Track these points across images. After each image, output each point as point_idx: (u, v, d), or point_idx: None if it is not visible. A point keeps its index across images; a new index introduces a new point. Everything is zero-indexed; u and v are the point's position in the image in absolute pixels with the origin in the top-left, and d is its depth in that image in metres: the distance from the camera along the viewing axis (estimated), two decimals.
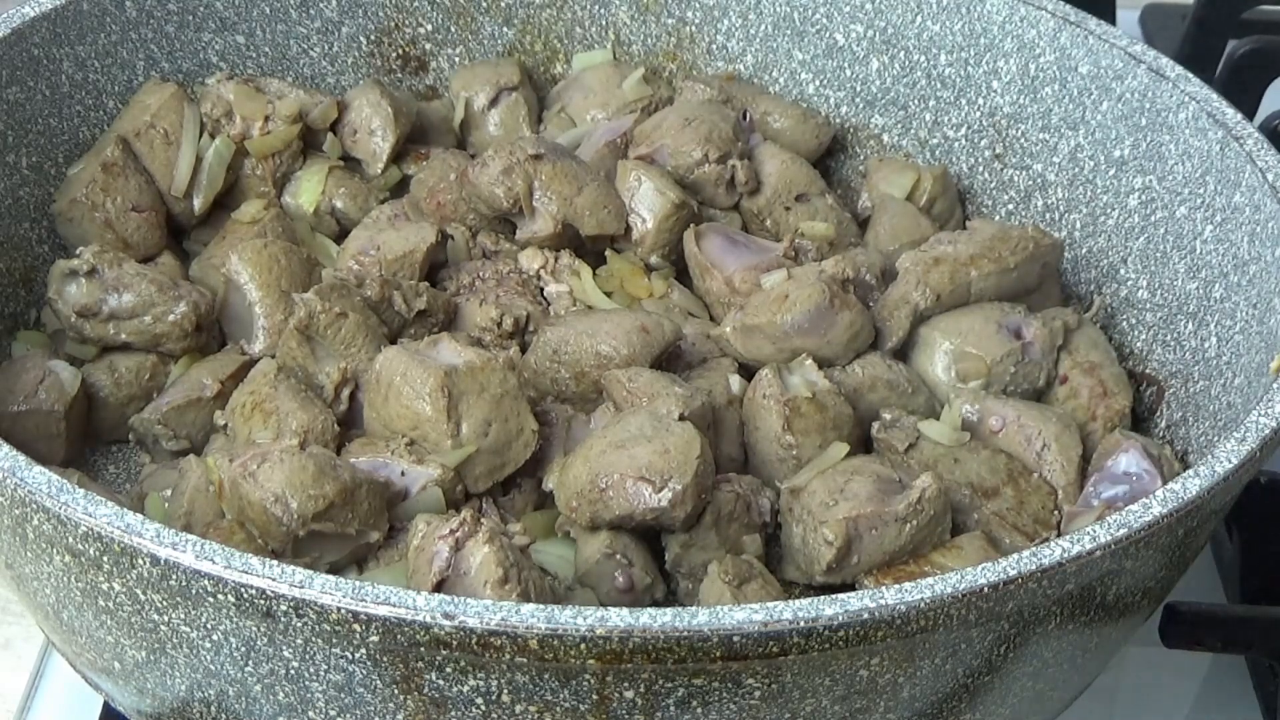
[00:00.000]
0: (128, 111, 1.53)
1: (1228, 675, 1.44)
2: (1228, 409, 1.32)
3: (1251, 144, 1.39)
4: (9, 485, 1.02)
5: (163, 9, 1.57)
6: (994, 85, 1.61)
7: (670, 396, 1.26)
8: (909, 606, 0.96)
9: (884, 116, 1.68)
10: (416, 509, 1.22)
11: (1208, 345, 1.39)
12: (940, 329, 1.42)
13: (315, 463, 1.17)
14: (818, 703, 1.02)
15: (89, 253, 1.39)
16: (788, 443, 1.29)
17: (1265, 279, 1.33)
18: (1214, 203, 1.41)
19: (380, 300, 1.36)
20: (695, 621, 0.94)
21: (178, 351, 1.40)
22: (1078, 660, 1.15)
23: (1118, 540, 1.03)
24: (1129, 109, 1.51)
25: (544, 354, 1.36)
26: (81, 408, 1.38)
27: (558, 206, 1.47)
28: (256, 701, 1.06)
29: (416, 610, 0.94)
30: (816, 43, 1.68)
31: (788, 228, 1.53)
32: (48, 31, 1.47)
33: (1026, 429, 1.35)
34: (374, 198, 1.56)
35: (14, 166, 1.45)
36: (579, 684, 0.98)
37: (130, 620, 1.06)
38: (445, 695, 1.00)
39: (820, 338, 1.36)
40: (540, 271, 1.47)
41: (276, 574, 0.96)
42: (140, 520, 0.99)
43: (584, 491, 1.22)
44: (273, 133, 1.55)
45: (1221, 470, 1.08)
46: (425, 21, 1.70)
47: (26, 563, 1.10)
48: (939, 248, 1.45)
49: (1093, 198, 1.54)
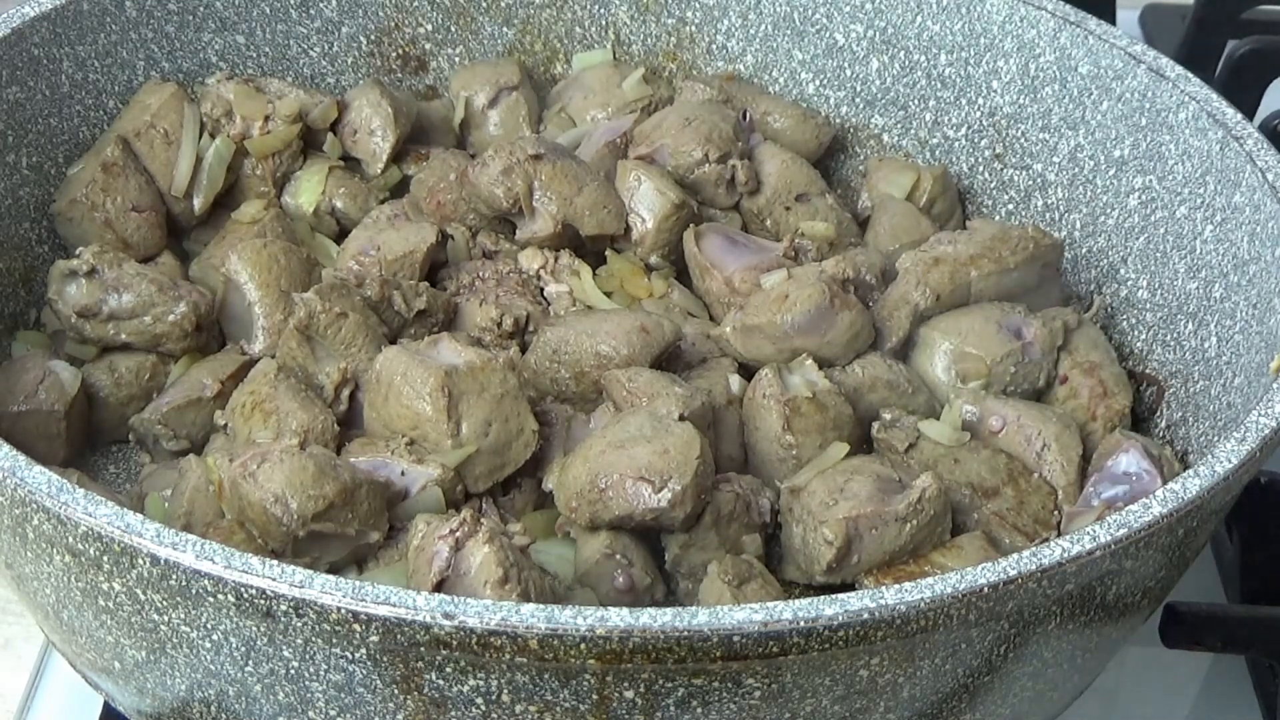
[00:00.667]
0: (128, 111, 1.53)
1: (1228, 675, 1.44)
2: (1228, 409, 1.32)
3: (1251, 144, 1.39)
4: (9, 485, 1.02)
5: (163, 9, 1.57)
6: (994, 85, 1.61)
7: (670, 396, 1.26)
8: (909, 606, 0.96)
9: (884, 116, 1.68)
10: (416, 509, 1.22)
11: (1208, 345, 1.39)
12: (940, 329, 1.42)
13: (315, 463, 1.17)
14: (818, 703, 1.02)
15: (89, 253, 1.39)
16: (788, 442, 1.29)
17: (1265, 279, 1.33)
18: (1214, 203, 1.41)
19: (380, 300, 1.36)
20: (695, 621, 0.94)
21: (178, 351, 1.40)
22: (1078, 660, 1.15)
23: (1118, 540, 1.03)
24: (1129, 109, 1.51)
25: (544, 354, 1.36)
26: (81, 408, 1.38)
27: (558, 206, 1.47)
28: (256, 701, 1.06)
29: (416, 610, 0.94)
30: (816, 43, 1.68)
31: (788, 228, 1.53)
32: (48, 31, 1.47)
33: (1026, 429, 1.35)
34: (374, 198, 1.56)
35: (14, 166, 1.45)
36: (579, 684, 0.98)
37: (130, 620, 1.06)
38: (445, 695, 1.00)
39: (820, 338, 1.36)
40: (540, 271, 1.47)
41: (276, 574, 0.96)
42: (140, 520, 0.99)
43: (583, 492, 1.22)
44: (273, 133, 1.55)
45: (1221, 470, 1.08)
46: (425, 21, 1.70)
47: (26, 563, 1.10)
48: (939, 248, 1.45)
49: (1093, 198, 1.54)
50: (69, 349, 1.41)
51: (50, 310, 1.42)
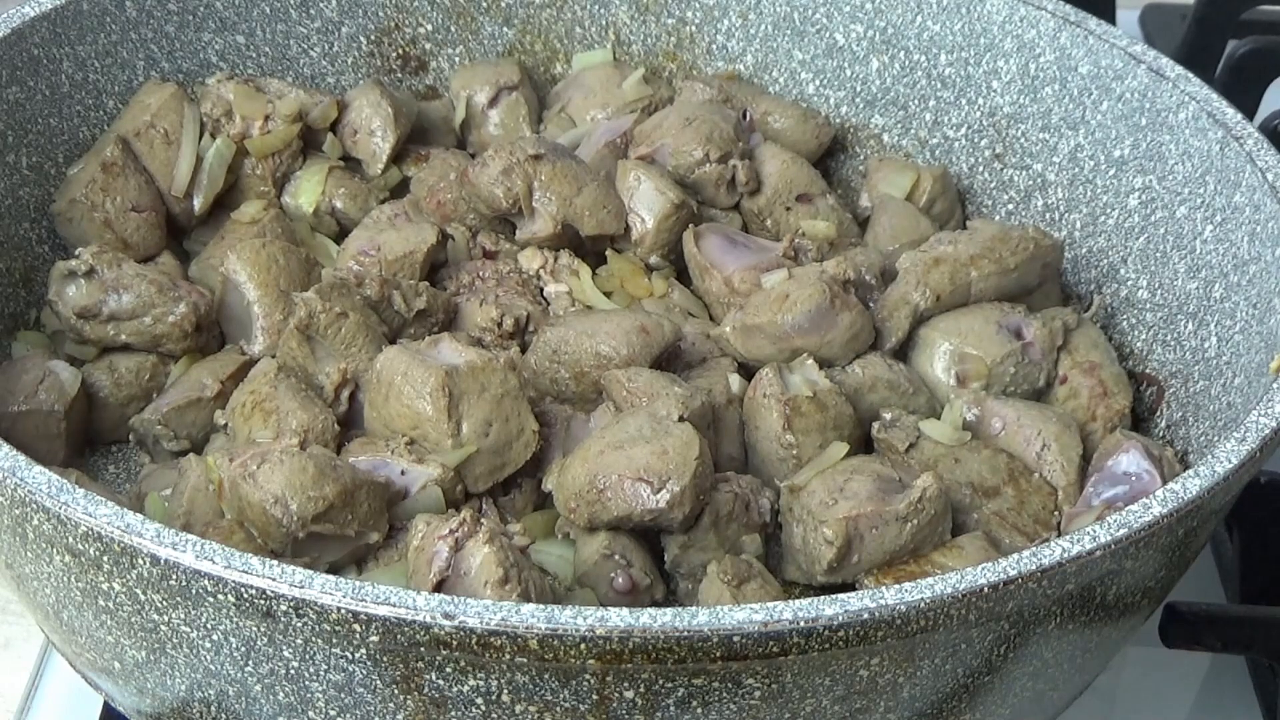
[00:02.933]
0: (128, 112, 1.53)
1: (1228, 675, 1.44)
2: (1228, 409, 1.32)
3: (1251, 144, 1.39)
4: (9, 485, 1.02)
5: (163, 9, 1.57)
6: (994, 85, 1.61)
7: (670, 397, 1.26)
8: (909, 606, 0.96)
9: (884, 116, 1.68)
10: (416, 508, 1.22)
11: (1208, 345, 1.39)
12: (940, 329, 1.41)
13: (315, 464, 1.17)
14: (818, 703, 1.02)
15: (88, 253, 1.39)
16: (788, 442, 1.29)
17: (1265, 279, 1.33)
18: (1214, 203, 1.41)
19: (379, 300, 1.36)
20: (695, 621, 0.94)
21: (178, 352, 1.40)
22: (1078, 660, 1.15)
23: (1118, 540, 1.03)
24: (1129, 109, 1.51)
25: (544, 354, 1.36)
26: (82, 408, 1.38)
27: (557, 207, 1.47)
28: (256, 701, 1.06)
29: (416, 610, 0.94)
30: (816, 43, 1.68)
31: (788, 228, 1.53)
32: (48, 31, 1.47)
33: (1026, 429, 1.35)
34: (374, 198, 1.56)
35: (14, 166, 1.45)
36: (579, 684, 0.98)
37: (130, 620, 1.06)
38: (445, 695, 1.00)
39: (820, 338, 1.36)
40: (540, 271, 1.47)
41: (276, 574, 0.96)
42: (140, 520, 0.99)
43: (582, 492, 1.22)
44: (272, 132, 1.55)
45: (1221, 470, 1.08)
46: (425, 21, 1.70)
47: (26, 563, 1.10)
48: (939, 248, 1.45)
49: (1093, 198, 1.54)
50: (69, 349, 1.41)
51: (50, 310, 1.42)
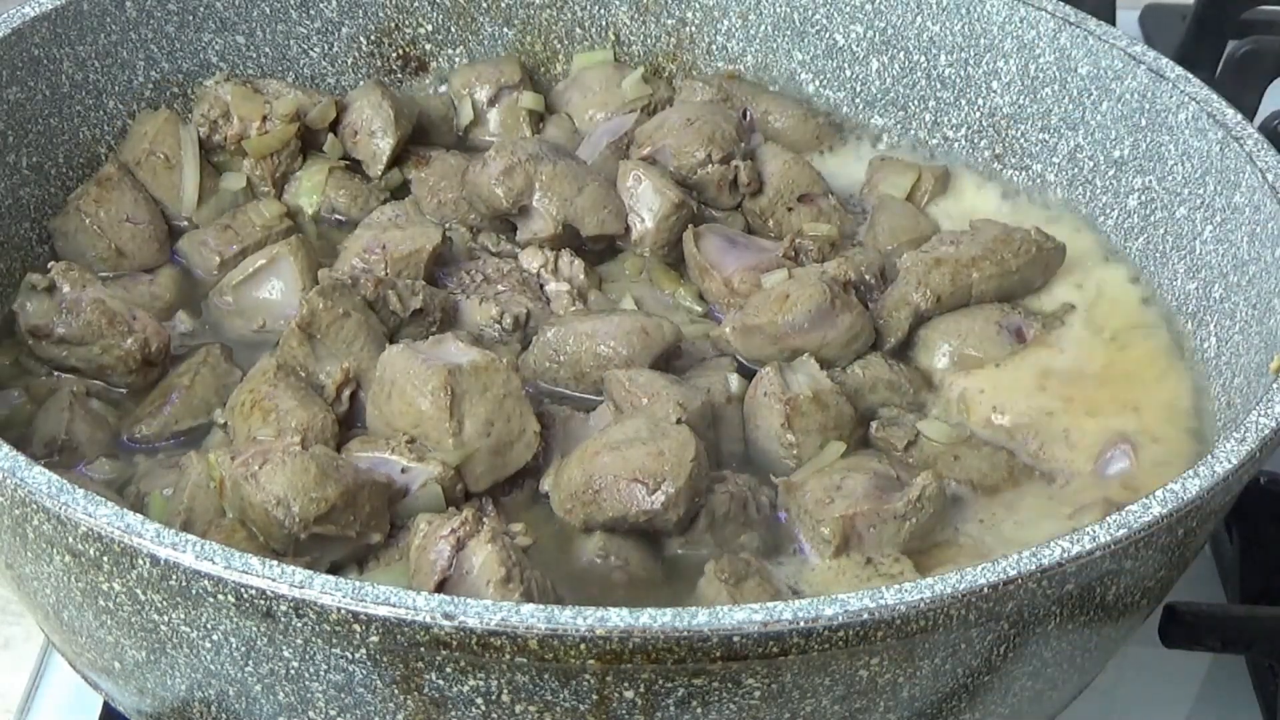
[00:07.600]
0: (125, 143, 1.54)
1: (1228, 675, 1.44)
2: (1228, 409, 1.32)
3: (1251, 144, 1.39)
4: (9, 485, 1.02)
5: (163, 9, 1.56)
6: (994, 85, 1.61)
7: (670, 397, 1.26)
8: (909, 606, 0.96)
9: (884, 116, 1.68)
10: (416, 506, 1.22)
11: (1208, 345, 1.39)
12: (940, 330, 1.42)
13: (318, 464, 1.17)
14: (818, 703, 1.02)
15: (58, 269, 1.36)
16: (788, 441, 1.29)
17: (1265, 279, 1.33)
18: (1214, 203, 1.41)
19: (375, 299, 1.36)
20: (695, 621, 0.94)
21: (122, 385, 1.37)
22: (1077, 660, 1.15)
23: (1118, 540, 1.02)
24: (1129, 109, 1.51)
25: (543, 353, 1.36)
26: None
27: (558, 207, 1.47)
28: (256, 701, 1.06)
29: (416, 610, 0.94)
30: (816, 43, 1.68)
31: (790, 228, 1.53)
32: (48, 31, 1.47)
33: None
34: (374, 198, 1.56)
35: (14, 166, 1.45)
36: (579, 684, 0.98)
37: (130, 620, 1.06)
38: (445, 695, 1.00)
39: (820, 338, 1.36)
40: (541, 271, 1.47)
41: (276, 574, 0.96)
42: (140, 520, 0.99)
43: (578, 493, 1.22)
44: (270, 132, 1.55)
45: (1221, 470, 1.08)
46: (425, 22, 1.70)
47: (26, 563, 1.10)
48: (940, 248, 1.45)
49: (1093, 198, 1.54)
50: (26, 360, 1.38)
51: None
